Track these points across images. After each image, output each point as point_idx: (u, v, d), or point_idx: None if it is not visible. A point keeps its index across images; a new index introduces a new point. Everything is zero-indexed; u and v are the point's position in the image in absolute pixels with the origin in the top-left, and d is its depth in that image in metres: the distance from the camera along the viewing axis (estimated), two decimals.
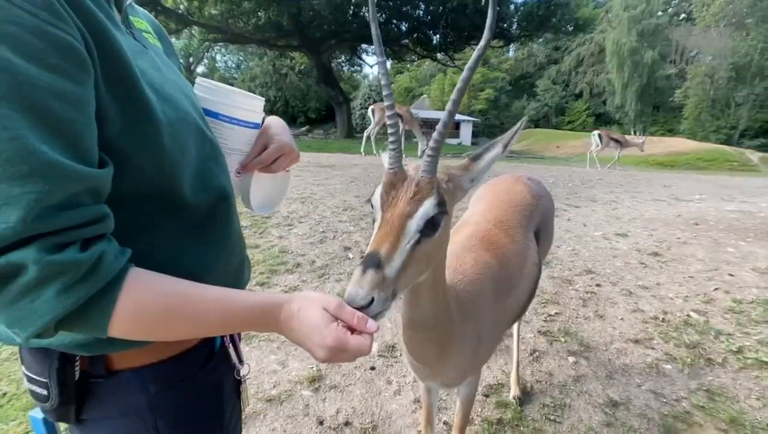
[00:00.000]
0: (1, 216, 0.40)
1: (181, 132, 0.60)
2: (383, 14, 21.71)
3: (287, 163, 0.88)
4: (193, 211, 0.64)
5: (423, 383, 1.29)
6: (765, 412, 1.87)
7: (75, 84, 0.46)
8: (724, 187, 8.27)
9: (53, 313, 0.44)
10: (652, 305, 2.75)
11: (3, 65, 0.40)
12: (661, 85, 37.61)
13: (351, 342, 0.58)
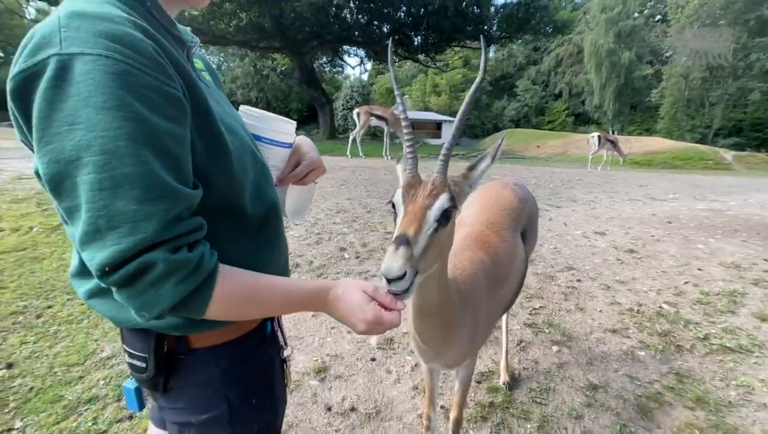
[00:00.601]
0: (141, 228, 0.54)
1: (243, 157, 0.75)
2: (365, 16, 21.80)
3: (316, 176, 1.04)
4: (252, 219, 0.78)
5: (427, 365, 1.46)
6: (727, 391, 2.11)
7: (182, 127, 0.61)
8: (697, 186, 8.72)
9: (172, 299, 0.58)
10: (628, 298, 2.99)
11: (140, 118, 0.55)
12: (638, 86, 38.66)
13: (385, 317, 0.72)
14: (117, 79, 0.54)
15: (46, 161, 0.54)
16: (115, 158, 0.53)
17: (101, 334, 2.50)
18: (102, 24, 0.56)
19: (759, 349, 2.41)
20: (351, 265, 3.42)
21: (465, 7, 18.31)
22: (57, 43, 0.53)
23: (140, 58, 0.56)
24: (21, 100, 0.55)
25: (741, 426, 1.88)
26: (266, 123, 0.93)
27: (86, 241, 0.55)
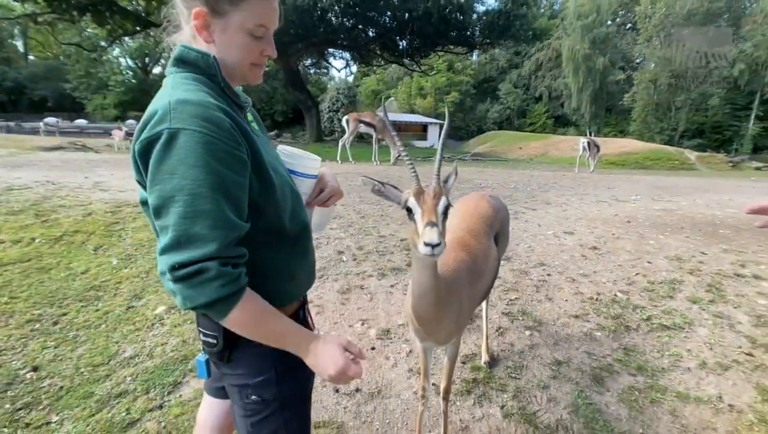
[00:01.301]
0: (208, 246, 0.76)
1: (284, 189, 0.96)
2: (350, 19, 21.94)
3: (335, 200, 1.30)
4: (290, 235, 0.99)
5: (422, 344, 1.82)
6: (662, 360, 2.55)
7: (243, 178, 0.83)
8: (657, 187, 9.33)
9: (209, 297, 0.77)
10: (589, 289, 3.44)
11: (216, 173, 0.78)
12: (612, 90, 39.81)
13: (352, 367, 0.91)
14: (204, 147, 0.77)
15: (154, 196, 0.79)
16: (198, 198, 0.77)
17: (121, 337, 2.70)
18: (196, 108, 0.79)
19: (689, 326, 2.88)
20: (349, 267, 3.78)
21: (448, 13, 18.71)
22: (168, 121, 0.78)
23: (220, 132, 0.80)
24: (143, 156, 0.80)
25: (669, 386, 2.32)
26: (298, 160, 1.16)
27: (168, 249, 0.78)
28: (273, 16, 0.95)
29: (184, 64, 0.90)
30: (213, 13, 0.89)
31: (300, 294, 1.10)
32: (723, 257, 4.08)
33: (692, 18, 31.00)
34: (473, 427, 2.07)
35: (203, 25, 0.89)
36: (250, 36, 0.92)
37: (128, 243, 4.14)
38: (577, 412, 2.15)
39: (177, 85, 0.86)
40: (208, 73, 0.90)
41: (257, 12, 0.91)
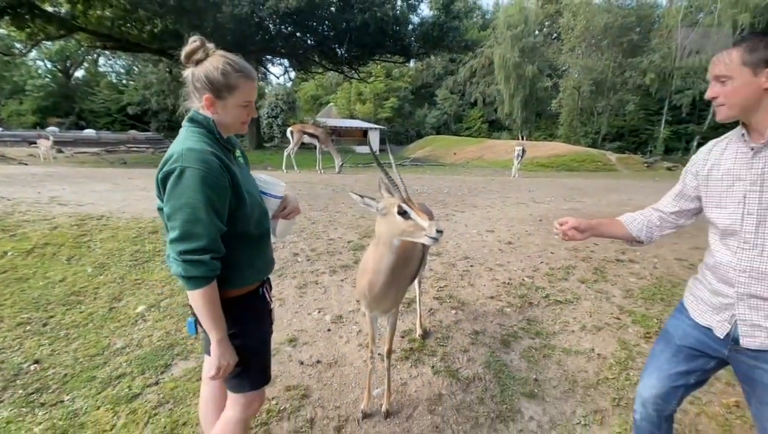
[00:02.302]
0: (203, 240, 1.26)
1: (253, 206, 1.45)
2: (287, 28, 22.16)
3: (294, 215, 1.86)
4: (254, 237, 1.49)
5: (371, 314, 2.42)
6: (554, 326, 3.36)
7: (225, 198, 1.32)
8: (572, 189, 10.77)
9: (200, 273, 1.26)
10: (503, 275, 4.26)
11: (208, 195, 1.25)
12: (540, 96, 42.91)
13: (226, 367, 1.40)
14: (201, 180, 1.25)
15: (168, 207, 1.27)
16: (197, 211, 1.25)
17: (109, 332, 3.08)
18: (198, 154, 1.27)
19: (576, 300, 3.76)
20: (304, 266, 4.34)
21: (385, 24, 19.54)
22: (180, 161, 1.26)
23: (211, 169, 1.28)
24: (163, 181, 1.29)
25: (558, 344, 3.12)
26: (268, 185, 1.65)
27: (176, 241, 1.26)
28: (254, 94, 1.50)
29: (194, 122, 1.41)
30: (216, 98, 1.40)
31: (259, 278, 1.57)
32: (610, 246, 5.12)
33: (609, 30, 34.56)
34: (410, 383, 2.72)
35: (210, 105, 1.40)
36: (240, 108, 1.44)
37: (99, 253, 4.38)
38: (489, 367, 2.87)
39: (188, 136, 1.37)
40: (209, 129, 1.40)
41: (244, 94, 1.43)
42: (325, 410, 2.45)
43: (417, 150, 36.48)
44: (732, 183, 1.40)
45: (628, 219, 1.72)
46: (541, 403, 2.53)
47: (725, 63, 1.33)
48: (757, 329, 1.36)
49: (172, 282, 3.83)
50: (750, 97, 1.31)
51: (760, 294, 1.34)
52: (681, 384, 1.61)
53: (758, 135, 1.35)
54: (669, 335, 1.67)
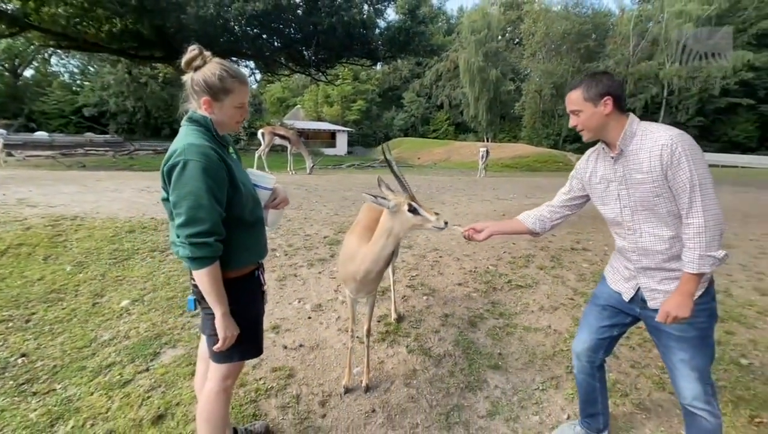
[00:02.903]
0: (207, 223, 1.44)
1: (247, 196, 1.62)
2: (253, 30, 21.94)
3: (284, 205, 2.09)
4: (248, 223, 1.65)
5: (354, 296, 2.64)
6: (516, 308, 3.72)
7: (224, 187, 1.50)
8: (533, 187, 11.42)
9: (205, 254, 1.45)
10: (470, 264, 4.60)
11: (209, 184, 1.44)
12: (504, 99, 44.21)
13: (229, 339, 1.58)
14: (203, 171, 1.42)
15: (174, 195, 1.43)
16: (199, 198, 1.42)
17: (94, 326, 3.17)
18: (199, 148, 1.44)
19: (536, 285, 4.14)
20: (282, 260, 4.53)
21: (352, 28, 19.71)
22: (183, 154, 1.42)
23: (211, 162, 1.45)
24: (168, 173, 1.45)
25: (519, 323, 3.47)
26: (260, 178, 1.83)
27: (183, 225, 1.42)
28: (247, 96, 1.69)
29: (194, 121, 1.57)
30: (214, 100, 1.57)
31: (254, 261, 1.75)
32: (566, 236, 5.58)
33: (567, 37, 36.24)
34: (387, 361, 2.99)
35: (208, 106, 1.58)
36: (234, 109, 1.62)
37: (76, 252, 4.40)
38: (458, 345, 3.17)
39: (189, 133, 1.53)
40: (206, 127, 1.58)
41: (239, 97, 1.61)
42: (310, 387, 2.67)
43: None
44: (608, 185, 1.82)
45: (523, 217, 2.17)
46: (505, 373, 2.85)
47: (573, 101, 1.74)
48: (655, 292, 1.77)
49: (154, 278, 3.95)
50: (598, 122, 1.72)
51: (650, 266, 1.76)
52: (606, 336, 2.01)
53: (614, 147, 1.75)
54: (596, 298, 2.08)
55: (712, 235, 1.55)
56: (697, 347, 1.73)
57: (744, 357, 3.08)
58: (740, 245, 5.79)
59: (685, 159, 1.55)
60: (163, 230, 5.26)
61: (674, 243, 1.67)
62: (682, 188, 1.57)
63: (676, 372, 1.79)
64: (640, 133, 1.68)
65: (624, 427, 2.39)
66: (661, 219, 1.68)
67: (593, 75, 1.74)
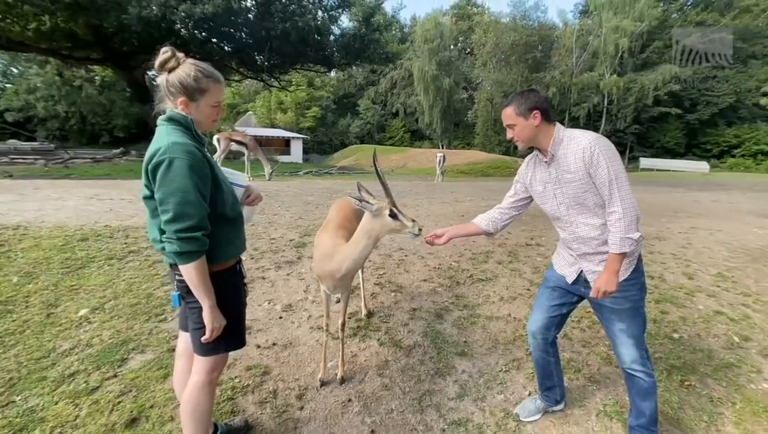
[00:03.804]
0: (194, 219, 1.50)
1: (229, 192, 1.73)
2: (202, 33, 21.37)
3: (257, 202, 2.18)
4: (230, 218, 1.71)
5: (330, 292, 2.75)
6: (478, 299, 3.96)
7: (208, 184, 1.56)
8: (488, 190, 12.00)
9: (194, 249, 1.51)
10: (434, 262, 4.83)
11: (195, 181, 1.49)
12: (458, 107, 45.43)
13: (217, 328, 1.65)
14: (189, 168, 1.47)
15: (161, 192, 1.47)
16: (187, 194, 1.47)
17: (51, 336, 3.06)
18: (183, 147, 1.49)
19: (495, 278, 4.43)
20: (249, 264, 4.54)
21: (306, 34, 19.69)
22: (168, 153, 1.46)
23: (196, 159, 1.50)
24: (153, 171, 1.48)
25: (482, 313, 3.72)
26: (233, 176, 1.92)
27: (171, 221, 1.46)
28: (222, 95, 1.78)
29: (174, 120, 1.61)
30: (190, 100, 1.63)
31: (236, 254, 1.81)
32: (521, 234, 5.97)
33: (515, 48, 38.03)
34: (360, 354, 3.11)
35: (185, 107, 1.63)
36: (210, 108, 1.68)
37: (22, 262, 4.19)
38: (426, 336, 3.35)
39: (170, 132, 1.56)
40: (186, 126, 1.63)
41: (214, 96, 1.67)
42: (286, 382, 2.75)
43: (342, 159, 36.96)
44: (544, 186, 2.10)
45: (478, 220, 2.43)
46: (471, 359, 3.06)
47: (508, 116, 1.99)
48: (596, 274, 2.04)
49: (114, 286, 3.86)
50: (529, 133, 1.97)
51: (589, 251, 2.04)
52: (557, 314, 2.29)
53: (546, 153, 2.01)
54: (547, 281, 2.37)
55: (630, 220, 1.84)
56: (632, 317, 2.04)
57: (675, 332, 3.48)
58: (671, 237, 6.42)
59: (603, 158, 1.83)
60: (119, 237, 5.11)
61: (605, 229, 1.96)
62: (602, 183, 1.86)
63: (617, 340, 2.09)
64: (566, 139, 1.95)
65: (578, 398, 2.65)
66: (591, 211, 1.97)
67: (522, 93, 2.00)
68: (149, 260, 4.51)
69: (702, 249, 5.84)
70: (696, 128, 39.27)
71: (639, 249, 1.98)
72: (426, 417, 2.47)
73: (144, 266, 4.35)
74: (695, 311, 3.89)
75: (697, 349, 3.22)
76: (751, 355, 3.20)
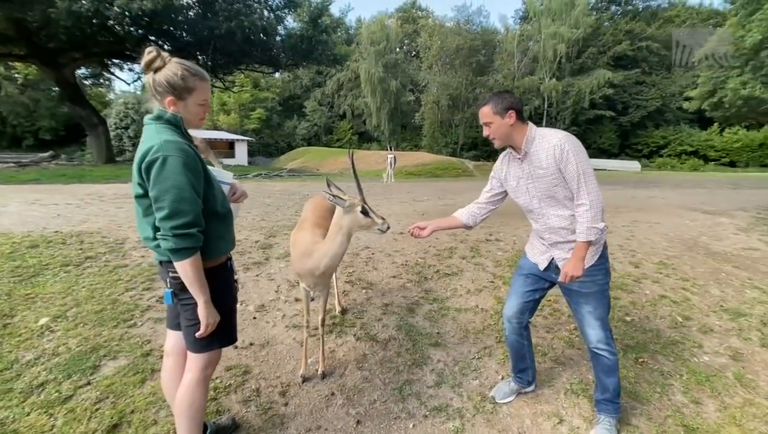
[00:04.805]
0: (189, 215, 1.54)
1: (218, 189, 1.77)
2: (139, 31, 20.42)
3: (243, 199, 2.24)
4: (220, 215, 1.74)
5: (310, 290, 2.83)
6: (447, 293, 4.19)
7: (202, 181, 1.61)
8: (443, 190, 12.49)
9: (189, 245, 1.55)
10: (401, 259, 5.03)
11: (189, 178, 1.54)
12: (405, 109, 46.15)
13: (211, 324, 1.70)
14: (183, 165, 1.51)
15: (156, 190, 1.49)
16: (182, 191, 1.51)
17: (12, 347, 2.92)
18: (177, 144, 1.52)
19: (460, 272, 4.69)
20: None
21: (252, 34, 19.41)
22: (162, 150, 1.49)
23: (189, 157, 1.53)
24: (147, 169, 1.50)
25: (451, 306, 3.94)
26: (219, 174, 1.93)
27: (166, 218, 1.50)
28: (209, 93, 1.83)
29: (161, 119, 1.63)
30: (178, 100, 1.67)
31: (228, 250, 1.85)
32: (481, 230, 6.31)
33: (460, 51, 39.35)
34: (338, 350, 3.22)
35: (173, 105, 1.66)
36: (198, 106, 1.73)
37: None
38: (401, 329, 3.51)
39: (160, 131, 1.58)
40: (176, 125, 1.65)
41: (201, 95, 1.72)
42: (268, 380, 2.81)
43: (289, 161, 36.53)
44: (518, 180, 2.31)
45: (458, 213, 2.60)
46: (445, 349, 3.26)
47: (485, 114, 2.17)
48: (566, 260, 2.27)
49: (74, 293, 3.71)
50: (505, 131, 2.17)
51: (559, 240, 2.27)
52: (530, 300, 2.52)
53: (519, 150, 2.21)
54: (521, 269, 2.59)
55: (596, 211, 2.08)
56: (599, 299, 2.29)
57: (627, 315, 3.89)
58: (616, 230, 7.04)
59: (572, 155, 2.06)
60: (73, 243, 4.87)
61: (573, 220, 2.20)
62: (571, 177, 2.09)
63: (584, 322, 2.33)
64: (538, 137, 2.15)
65: (546, 379, 2.92)
66: (561, 203, 2.20)
67: (499, 93, 2.18)
68: (109, 266, 4.35)
69: (644, 240, 6.46)
70: (628, 130, 42.65)
71: (603, 237, 2.23)
72: (408, 405, 2.63)
73: (104, 272, 4.19)
74: (643, 296, 4.33)
75: (647, 330, 3.62)
76: (693, 332, 3.65)
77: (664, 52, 40.73)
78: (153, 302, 3.69)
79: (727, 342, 3.53)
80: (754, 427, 2.53)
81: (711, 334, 3.63)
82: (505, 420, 2.53)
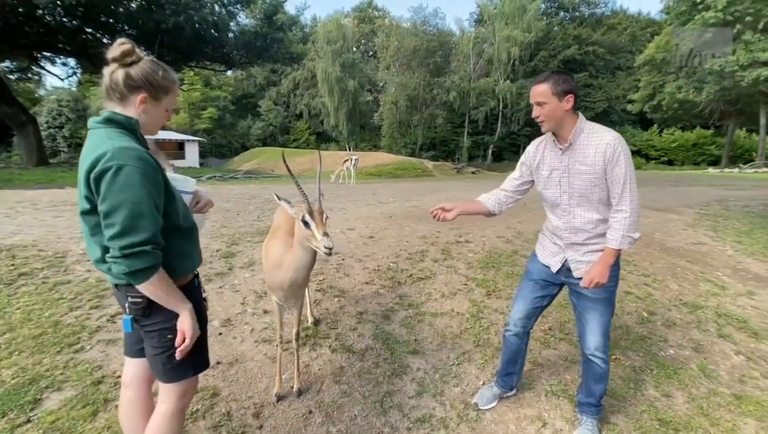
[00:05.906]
0: (146, 233, 1.34)
1: (180, 201, 1.58)
2: (73, 22, 19.13)
3: (208, 208, 2.05)
4: (184, 230, 1.59)
5: (282, 303, 2.66)
6: (421, 298, 4.12)
7: (162, 194, 1.42)
8: (407, 191, 12.47)
9: (145, 265, 1.34)
10: (372, 264, 4.91)
11: (148, 190, 1.34)
12: (363, 109, 46.29)
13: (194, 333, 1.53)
14: (141, 176, 1.33)
15: (106, 204, 1.31)
16: (139, 206, 1.32)
17: None
18: (133, 152, 1.34)
19: (433, 276, 4.65)
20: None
21: (203, 29, 18.69)
22: (116, 159, 1.30)
23: (148, 166, 1.36)
24: (97, 180, 1.31)
25: (426, 311, 3.86)
26: (179, 183, 1.75)
27: (117, 236, 1.31)
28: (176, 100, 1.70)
29: (114, 122, 1.45)
30: (153, 99, 1.52)
31: (194, 268, 1.70)
32: (450, 232, 6.31)
33: (417, 52, 39.82)
34: (313, 363, 3.07)
35: (143, 103, 1.49)
36: (166, 111, 1.60)
37: None
38: (377, 338, 3.40)
39: (112, 136, 1.39)
40: (130, 129, 1.47)
41: (172, 99, 1.60)
42: (239, 402, 2.62)
43: (244, 163, 35.51)
44: (551, 172, 2.20)
45: (483, 199, 2.47)
46: (423, 356, 3.19)
47: (541, 93, 1.99)
48: (580, 263, 2.23)
49: (6, 316, 3.32)
50: (559, 115, 2.00)
51: (577, 242, 2.21)
52: (538, 306, 2.46)
53: (563, 140, 2.08)
54: (529, 273, 2.51)
55: (633, 220, 2.03)
56: (606, 306, 2.25)
57: None
58: None
59: (623, 158, 1.98)
60: (2, 258, 4.39)
61: (599, 224, 2.14)
62: (617, 181, 2.01)
63: (588, 328, 2.28)
64: (587, 130, 2.02)
65: (526, 381, 2.91)
66: (593, 205, 2.12)
67: (559, 73, 2.01)
68: (48, 283, 3.93)
69: None
70: None
71: None
72: (390, 419, 2.53)
73: (42, 291, 3.78)
74: None
75: (616, 326, 3.70)
76: (658, 327, 3.78)
77: (609, 56, 43.07)
78: (103, 322, 3.36)
79: (689, 334, 3.68)
80: (720, 415, 2.64)
81: (674, 328, 3.78)
82: (489, 427, 2.49)
